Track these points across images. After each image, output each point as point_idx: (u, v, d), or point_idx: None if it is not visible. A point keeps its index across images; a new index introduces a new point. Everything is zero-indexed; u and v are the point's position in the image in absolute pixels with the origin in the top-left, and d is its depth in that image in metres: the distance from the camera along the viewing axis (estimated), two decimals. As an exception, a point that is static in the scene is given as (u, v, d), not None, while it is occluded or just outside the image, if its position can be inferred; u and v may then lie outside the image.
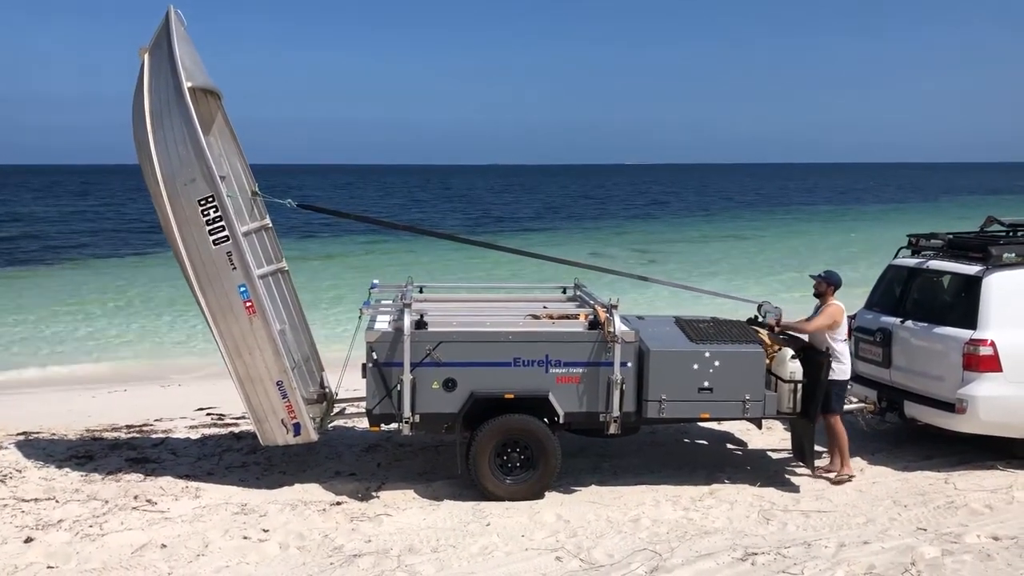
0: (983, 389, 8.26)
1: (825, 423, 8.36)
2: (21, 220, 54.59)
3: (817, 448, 8.55)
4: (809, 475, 8.43)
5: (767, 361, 8.09)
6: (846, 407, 8.95)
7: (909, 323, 9.04)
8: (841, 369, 8.24)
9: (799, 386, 8.01)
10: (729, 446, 9.55)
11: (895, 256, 9.90)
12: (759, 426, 9.01)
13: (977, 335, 8.31)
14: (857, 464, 8.80)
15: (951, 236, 9.50)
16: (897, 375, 9.10)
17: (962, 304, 8.64)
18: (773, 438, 9.69)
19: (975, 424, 8.40)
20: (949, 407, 8.45)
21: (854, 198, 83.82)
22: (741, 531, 7.14)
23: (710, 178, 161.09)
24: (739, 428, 9.85)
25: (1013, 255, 8.57)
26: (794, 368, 8.01)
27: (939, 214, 54.77)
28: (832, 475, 8.40)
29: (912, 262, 9.51)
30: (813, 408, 8.01)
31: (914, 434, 9.43)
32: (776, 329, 8.47)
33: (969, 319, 8.44)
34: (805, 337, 8.41)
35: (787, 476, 8.51)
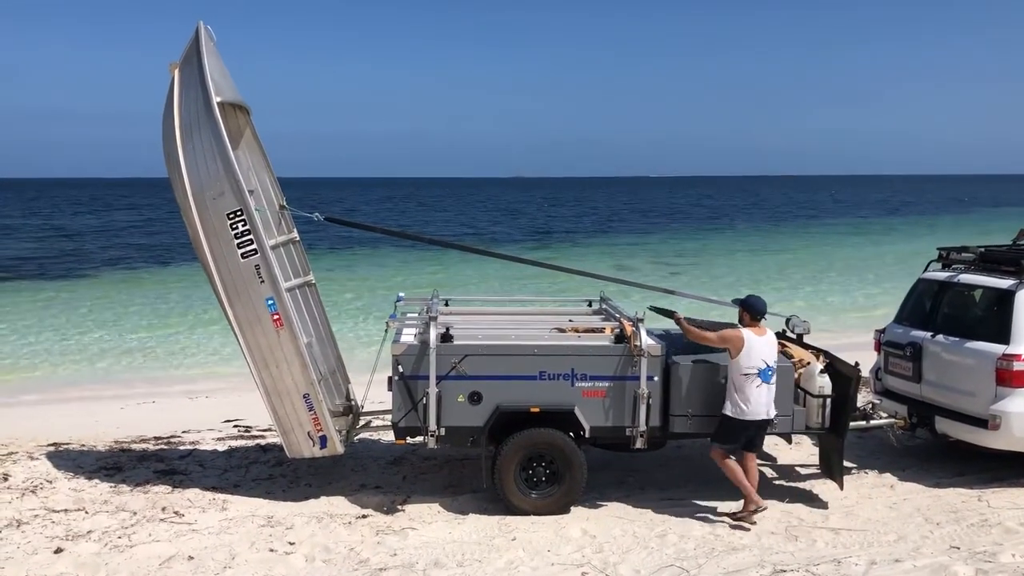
0: (1017, 405, 8.11)
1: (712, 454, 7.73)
2: (66, 234, 55.45)
3: (846, 464, 8.43)
4: (838, 491, 8.31)
5: (796, 375, 8.02)
6: (875, 422, 8.85)
7: (940, 337, 8.92)
8: (736, 410, 7.41)
9: (828, 401, 7.91)
10: (757, 461, 9.43)
11: (925, 269, 9.78)
12: (788, 441, 8.92)
13: (1010, 350, 8.18)
14: (887, 480, 8.69)
15: (983, 249, 9.37)
16: (928, 390, 8.98)
17: (994, 318, 8.50)
18: (802, 453, 9.58)
19: (1009, 440, 8.25)
20: (982, 423, 8.31)
21: (887, 210, 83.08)
22: (769, 548, 7.06)
23: (737, 190, 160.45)
24: (768, 443, 9.73)
25: (1047, 269, 8.44)
26: (823, 383, 7.92)
27: (969, 227, 54.10)
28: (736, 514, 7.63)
29: (943, 275, 9.39)
30: (842, 423, 7.91)
31: (945, 450, 9.29)
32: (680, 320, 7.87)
33: (1002, 334, 8.31)
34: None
35: (816, 492, 8.40)
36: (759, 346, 7.45)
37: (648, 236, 54.28)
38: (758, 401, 7.43)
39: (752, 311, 7.59)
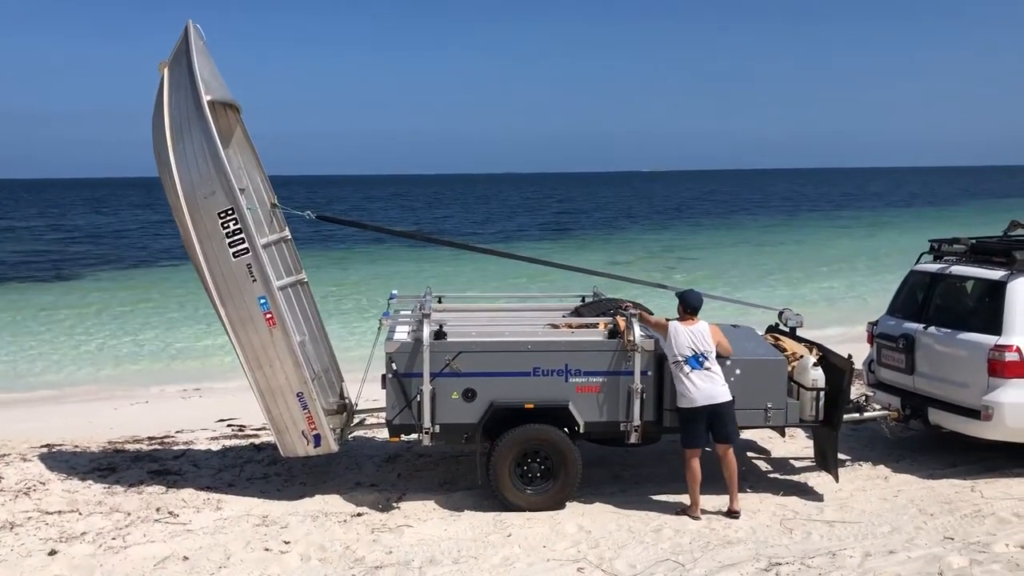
0: (1009, 395, 8.15)
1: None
2: (63, 235, 55.24)
3: (840, 456, 8.45)
4: (832, 484, 8.33)
5: (789, 369, 8.03)
6: (868, 414, 8.86)
7: (932, 329, 8.94)
8: (680, 399, 7.56)
9: (821, 394, 7.93)
10: (751, 455, 9.47)
11: (917, 261, 9.80)
12: (782, 434, 8.93)
13: (1002, 341, 8.21)
14: (881, 472, 8.72)
15: (974, 241, 9.40)
16: (921, 382, 9.00)
17: (986, 309, 8.54)
18: (796, 446, 9.60)
19: (1001, 431, 8.28)
20: (975, 414, 8.34)
21: (873, 204, 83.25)
22: (764, 541, 7.08)
23: (725, 183, 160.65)
24: (761, 436, 9.78)
25: (1038, 259, 8.47)
26: (816, 376, 7.94)
27: (959, 219, 54.28)
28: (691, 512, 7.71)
29: (934, 267, 9.41)
30: (836, 416, 7.93)
31: (939, 441, 9.32)
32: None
33: (994, 325, 8.34)
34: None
35: (810, 485, 8.42)
36: (684, 335, 7.57)
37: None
38: (694, 386, 7.50)
39: (684, 304, 7.76)
